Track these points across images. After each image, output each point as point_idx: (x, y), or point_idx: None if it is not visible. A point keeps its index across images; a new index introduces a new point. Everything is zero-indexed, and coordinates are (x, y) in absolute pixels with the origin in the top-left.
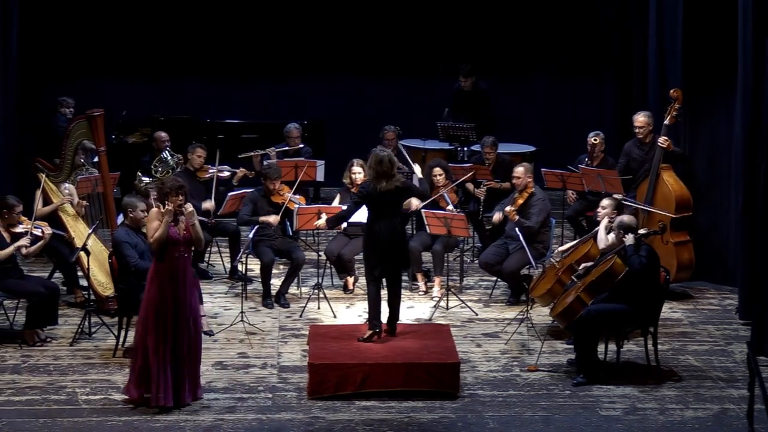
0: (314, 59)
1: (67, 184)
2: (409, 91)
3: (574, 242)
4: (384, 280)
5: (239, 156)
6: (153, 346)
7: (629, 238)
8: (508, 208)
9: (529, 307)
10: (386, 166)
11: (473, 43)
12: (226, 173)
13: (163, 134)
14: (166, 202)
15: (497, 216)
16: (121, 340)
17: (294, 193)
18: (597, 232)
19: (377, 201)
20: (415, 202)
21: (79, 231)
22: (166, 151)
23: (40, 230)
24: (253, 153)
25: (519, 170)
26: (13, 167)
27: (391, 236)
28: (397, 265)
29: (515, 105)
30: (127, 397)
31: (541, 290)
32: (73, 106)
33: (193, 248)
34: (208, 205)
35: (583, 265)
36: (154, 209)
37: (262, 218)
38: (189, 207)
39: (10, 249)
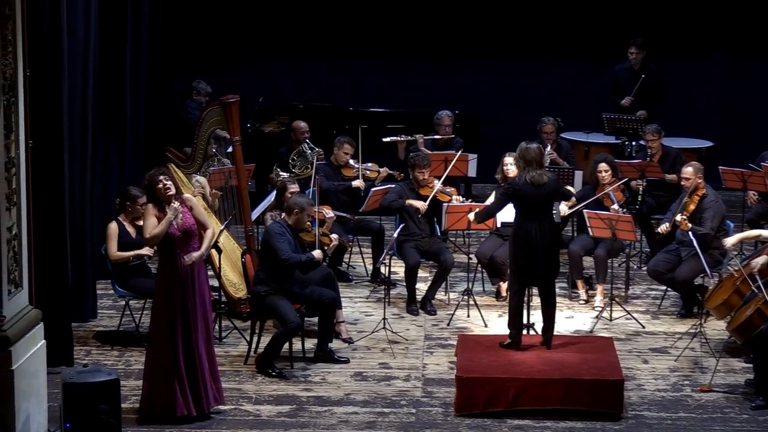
0: (468, 44)
1: (198, 176)
2: (571, 78)
3: (742, 235)
4: (535, 288)
5: (383, 140)
6: (170, 353)
7: None
8: (678, 217)
9: (702, 321)
10: (534, 152)
11: (642, 21)
12: (371, 171)
13: (303, 124)
14: (164, 201)
15: (664, 227)
16: (254, 346)
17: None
18: None
19: (526, 197)
20: (563, 209)
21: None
22: (306, 144)
23: None
24: (398, 138)
25: (688, 170)
26: (143, 157)
27: (541, 238)
28: (548, 271)
29: (689, 94)
30: (139, 406)
31: (716, 301)
32: (209, 95)
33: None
34: (359, 183)
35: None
36: (150, 205)
37: (409, 201)
38: (185, 195)
39: (130, 254)
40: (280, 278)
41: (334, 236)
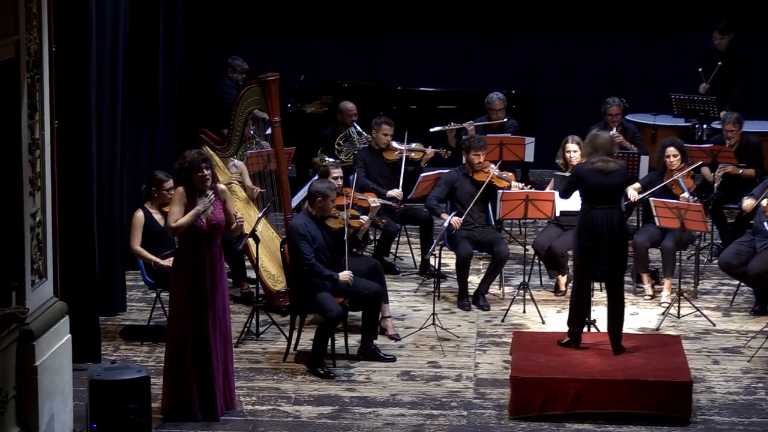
0: (526, 17)
1: (235, 160)
2: (638, 55)
3: None
4: (599, 283)
5: (430, 130)
6: (181, 351)
7: None
8: (765, 202)
9: None
10: (603, 139)
11: None
12: (416, 151)
13: (350, 105)
14: (196, 183)
15: (748, 202)
16: (294, 342)
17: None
18: None
19: (594, 185)
20: (632, 193)
21: (248, 214)
22: (353, 128)
23: None
24: (447, 127)
25: None
26: (176, 139)
27: (608, 229)
28: (615, 265)
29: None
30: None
31: None
32: (245, 72)
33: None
34: (395, 193)
35: None
36: (180, 189)
37: (444, 215)
38: (220, 186)
39: (152, 258)
40: (309, 275)
41: (364, 218)
